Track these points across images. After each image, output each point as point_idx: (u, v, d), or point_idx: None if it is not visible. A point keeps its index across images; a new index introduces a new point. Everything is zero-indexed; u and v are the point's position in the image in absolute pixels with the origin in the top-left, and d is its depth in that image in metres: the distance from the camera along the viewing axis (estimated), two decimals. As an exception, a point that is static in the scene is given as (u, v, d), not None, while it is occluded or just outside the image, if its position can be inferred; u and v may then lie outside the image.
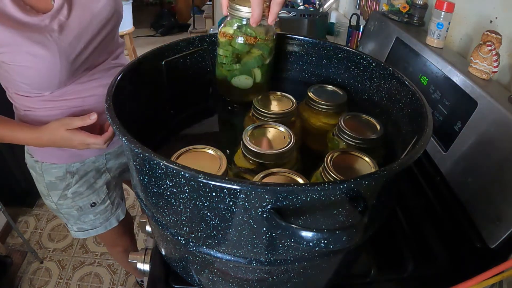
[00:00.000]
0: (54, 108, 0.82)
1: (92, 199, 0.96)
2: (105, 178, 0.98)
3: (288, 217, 0.37)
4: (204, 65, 0.75)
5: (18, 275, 1.64)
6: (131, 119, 0.58)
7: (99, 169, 0.96)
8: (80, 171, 0.92)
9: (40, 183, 0.93)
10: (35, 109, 0.82)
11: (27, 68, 0.71)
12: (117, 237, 1.15)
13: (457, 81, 0.76)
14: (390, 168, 0.39)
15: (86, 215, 0.98)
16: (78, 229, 1.01)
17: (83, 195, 0.94)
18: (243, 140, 0.55)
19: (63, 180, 0.91)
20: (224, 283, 0.52)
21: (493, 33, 0.72)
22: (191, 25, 3.87)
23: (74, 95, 0.82)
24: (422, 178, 0.82)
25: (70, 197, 0.93)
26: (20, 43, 0.67)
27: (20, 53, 0.69)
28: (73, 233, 1.02)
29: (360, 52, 0.69)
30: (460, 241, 0.68)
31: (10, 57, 0.69)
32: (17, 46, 0.68)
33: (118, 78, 0.53)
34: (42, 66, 0.71)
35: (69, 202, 0.94)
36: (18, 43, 0.67)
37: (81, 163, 0.91)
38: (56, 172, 0.90)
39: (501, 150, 0.63)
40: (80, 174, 0.92)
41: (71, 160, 0.89)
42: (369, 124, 0.62)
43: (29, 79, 0.74)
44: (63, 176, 0.90)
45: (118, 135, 0.42)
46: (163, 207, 0.46)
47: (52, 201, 0.95)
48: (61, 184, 0.91)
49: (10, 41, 0.67)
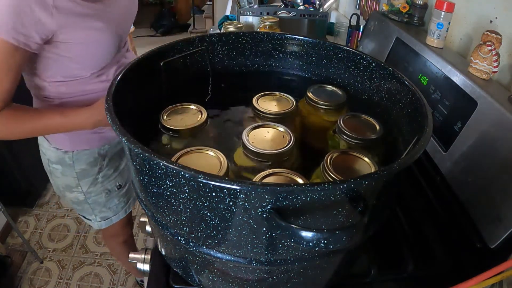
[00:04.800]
0: (91, 91, 0.84)
1: (118, 181, 1.00)
2: (126, 160, 1.01)
3: (288, 217, 0.37)
4: (204, 65, 0.75)
5: (18, 275, 1.64)
6: (131, 119, 0.58)
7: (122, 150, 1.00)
8: (109, 153, 0.95)
9: (68, 175, 0.92)
10: (73, 95, 0.83)
11: (83, 45, 0.74)
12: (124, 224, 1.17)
13: (457, 81, 0.76)
14: (390, 168, 0.39)
15: (112, 199, 1.02)
16: (102, 218, 1.04)
17: (111, 178, 0.98)
18: (243, 140, 0.55)
19: (95, 164, 0.93)
20: (224, 283, 0.52)
21: (493, 33, 0.72)
22: (191, 25, 3.88)
23: (110, 76, 0.86)
24: (422, 178, 0.82)
25: (100, 181, 0.96)
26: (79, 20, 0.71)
27: (79, 29, 0.71)
28: (96, 224, 1.05)
29: (360, 52, 0.69)
30: (460, 241, 0.68)
31: (69, 35, 0.71)
32: (75, 23, 0.70)
33: (118, 78, 0.53)
34: (99, 38, 0.76)
35: (99, 187, 0.97)
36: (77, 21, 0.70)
37: (109, 145, 0.94)
38: (88, 158, 0.91)
39: (501, 150, 0.63)
40: (109, 156, 0.95)
41: (101, 143, 0.92)
42: (369, 124, 0.62)
43: (82, 56, 0.77)
44: (95, 160, 0.93)
45: (118, 135, 0.42)
46: (163, 207, 0.46)
47: (81, 191, 0.96)
48: (92, 170, 0.93)
49: (69, 22, 0.69)
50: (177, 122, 0.60)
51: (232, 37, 0.76)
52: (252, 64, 0.80)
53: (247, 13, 1.52)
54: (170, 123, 0.60)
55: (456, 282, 0.48)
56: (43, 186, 2.08)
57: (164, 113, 0.62)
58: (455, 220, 0.70)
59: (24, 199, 1.95)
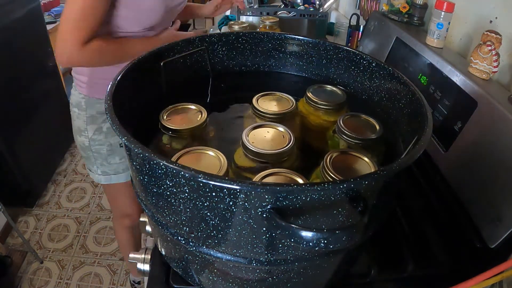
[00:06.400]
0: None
1: None
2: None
3: (288, 217, 0.37)
4: (204, 65, 0.75)
5: (18, 275, 1.64)
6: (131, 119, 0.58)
7: None
8: None
9: (81, 118, 1.03)
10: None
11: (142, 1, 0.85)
12: (131, 200, 1.21)
13: (457, 81, 0.76)
14: (390, 168, 0.39)
15: (113, 155, 1.07)
16: (102, 172, 1.09)
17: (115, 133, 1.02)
18: (243, 140, 0.55)
19: (103, 114, 1.02)
20: (224, 283, 0.52)
21: (493, 33, 0.72)
22: (191, 25, 3.87)
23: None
24: (422, 178, 0.82)
25: (104, 131, 1.04)
26: None
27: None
28: (97, 176, 1.11)
29: (360, 52, 0.69)
30: (460, 241, 0.68)
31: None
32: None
33: (118, 78, 0.53)
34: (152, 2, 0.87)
35: (102, 137, 1.04)
36: None
37: None
38: (99, 106, 1.01)
39: (501, 150, 0.63)
40: None
41: None
42: (369, 124, 0.62)
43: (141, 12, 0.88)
44: (103, 111, 0.99)
45: (118, 135, 0.42)
46: (163, 207, 0.46)
47: (87, 136, 1.04)
48: (100, 117, 1.03)
49: None
50: (177, 122, 0.60)
51: (232, 37, 0.76)
52: (252, 64, 0.80)
53: (247, 13, 1.52)
54: (170, 123, 0.60)
55: (456, 282, 0.48)
56: (43, 186, 2.08)
57: (164, 113, 0.62)
58: (455, 220, 0.70)
59: (24, 199, 1.95)
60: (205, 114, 0.62)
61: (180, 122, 0.60)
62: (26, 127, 1.88)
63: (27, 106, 1.92)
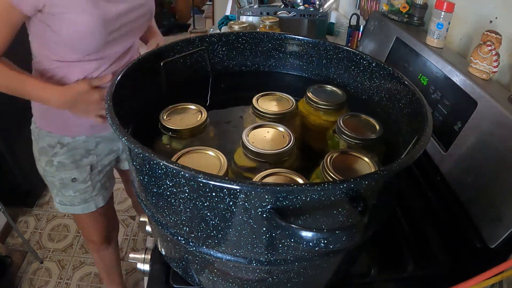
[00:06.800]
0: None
1: (74, 174, 1.02)
2: (91, 159, 1.04)
3: (288, 217, 0.37)
4: (204, 65, 0.75)
5: (18, 275, 1.64)
6: (131, 119, 0.58)
7: (88, 150, 1.03)
8: (70, 145, 1.00)
9: (35, 147, 1.03)
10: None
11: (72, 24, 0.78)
12: (93, 229, 1.19)
13: (457, 81, 0.76)
14: (390, 168, 0.39)
15: (66, 189, 1.04)
16: (60, 201, 1.08)
17: (67, 168, 1.01)
18: (243, 140, 0.55)
19: (53, 148, 1.00)
20: (224, 283, 0.52)
21: (493, 33, 0.72)
22: (191, 25, 3.87)
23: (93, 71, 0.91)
24: (422, 178, 0.82)
25: (55, 165, 1.01)
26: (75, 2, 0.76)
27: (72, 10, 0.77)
28: (56, 204, 1.09)
29: (360, 52, 0.69)
30: (460, 241, 0.68)
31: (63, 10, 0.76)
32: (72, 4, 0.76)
33: (118, 78, 0.53)
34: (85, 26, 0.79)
35: (53, 170, 1.01)
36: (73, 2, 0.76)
37: (73, 138, 1.00)
38: (49, 140, 0.99)
39: (501, 150, 0.63)
40: (69, 147, 1.00)
41: (64, 133, 0.99)
42: (369, 124, 0.62)
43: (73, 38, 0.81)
44: (54, 145, 0.99)
45: (118, 135, 0.42)
46: (163, 207, 0.46)
47: (41, 166, 1.03)
48: (50, 151, 1.00)
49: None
50: (177, 122, 0.60)
51: (232, 37, 0.76)
52: (252, 64, 0.80)
53: (247, 13, 1.52)
54: (170, 123, 0.60)
55: (456, 282, 0.48)
56: (43, 186, 2.07)
57: (164, 113, 0.62)
58: (455, 220, 0.70)
59: (24, 199, 1.95)
60: (205, 114, 0.62)
61: (180, 122, 0.60)
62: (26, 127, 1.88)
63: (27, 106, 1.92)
